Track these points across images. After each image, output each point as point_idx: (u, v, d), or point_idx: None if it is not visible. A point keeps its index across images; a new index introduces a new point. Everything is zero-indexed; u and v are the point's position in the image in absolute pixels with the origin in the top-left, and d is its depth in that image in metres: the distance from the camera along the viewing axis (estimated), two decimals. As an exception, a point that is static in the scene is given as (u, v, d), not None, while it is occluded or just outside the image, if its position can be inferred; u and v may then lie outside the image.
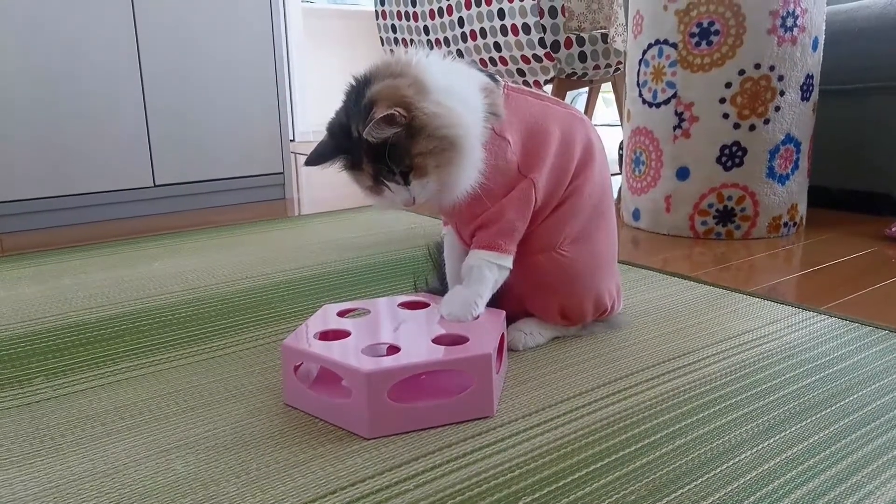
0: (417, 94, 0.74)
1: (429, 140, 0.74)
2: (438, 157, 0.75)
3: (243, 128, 2.01)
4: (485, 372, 0.70)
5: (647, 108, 1.54)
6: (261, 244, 1.50)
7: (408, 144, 0.74)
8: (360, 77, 0.79)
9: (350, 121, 0.77)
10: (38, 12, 1.64)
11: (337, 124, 0.79)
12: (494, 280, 0.82)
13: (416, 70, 0.77)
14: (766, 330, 0.95)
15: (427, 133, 0.74)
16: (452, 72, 0.81)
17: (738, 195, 1.47)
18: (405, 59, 0.79)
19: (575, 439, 0.66)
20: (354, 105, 0.76)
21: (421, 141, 0.74)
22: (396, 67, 0.77)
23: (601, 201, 0.89)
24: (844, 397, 0.75)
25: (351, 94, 0.78)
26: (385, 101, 0.73)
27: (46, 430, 0.70)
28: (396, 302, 0.88)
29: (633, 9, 1.58)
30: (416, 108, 0.73)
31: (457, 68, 0.82)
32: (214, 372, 0.84)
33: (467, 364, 0.70)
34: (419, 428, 0.69)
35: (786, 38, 1.40)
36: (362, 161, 0.77)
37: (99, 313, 1.06)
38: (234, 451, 0.65)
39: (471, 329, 0.77)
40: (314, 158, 0.80)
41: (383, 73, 0.77)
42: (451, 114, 0.75)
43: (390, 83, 0.75)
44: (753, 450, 0.64)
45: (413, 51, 0.81)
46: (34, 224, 1.74)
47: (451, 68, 0.81)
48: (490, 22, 2.63)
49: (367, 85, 0.76)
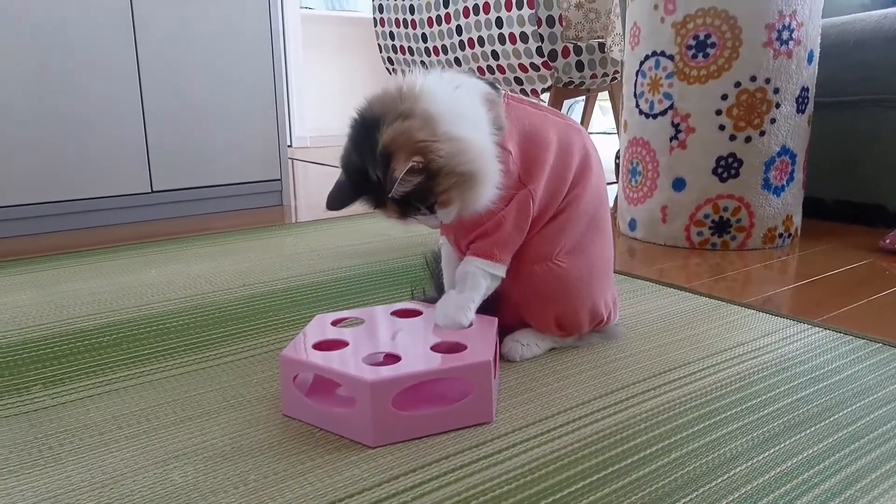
0: (430, 134, 0.73)
1: (449, 177, 0.74)
2: (461, 188, 0.76)
3: (241, 134, 2.01)
4: (484, 378, 0.72)
5: (644, 118, 1.55)
6: (258, 251, 1.51)
7: (430, 185, 0.75)
8: (367, 113, 0.77)
9: (366, 163, 0.76)
10: (36, 19, 1.65)
11: (353, 165, 0.78)
12: (487, 287, 0.84)
13: (423, 103, 0.75)
14: (761, 342, 0.95)
15: (446, 172, 0.74)
16: (457, 92, 0.80)
17: (733, 206, 1.48)
18: (409, 87, 0.77)
19: (571, 451, 0.67)
20: (367, 147, 0.75)
21: (442, 180, 0.74)
22: (404, 105, 0.75)
23: (597, 211, 0.90)
24: (838, 411, 0.75)
25: (360, 133, 0.77)
26: (402, 151, 0.72)
27: (44, 439, 0.70)
28: (389, 310, 0.89)
29: (630, 20, 1.59)
30: (431, 152, 0.73)
31: (460, 85, 0.81)
32: (212, 381, 0.84)
33: (468, 371, 0.71)
34: (422, 435, 0.70)
35: (781, 51, 1.41)
36: (386, 201, 0.77)
37: (97, 321, 1.06)
38: (232, 461, 0.66)
39: (467, 337, 0.78)
40: (335, 203, 0.79)
41: (391, 110, 0.75)
42: (466, 147, 0.75)
43: (402, 128, 0.74)
44: (748, 463, 0.65)
45: (414, 74, 0.80)
46: (31, 229, 1.74)
47: (455, 88, 0.80)
48: (488, 30, 2.65)
49: (376, 126, 0.75)
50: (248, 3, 1.95)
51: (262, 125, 2.05)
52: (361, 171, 0.76)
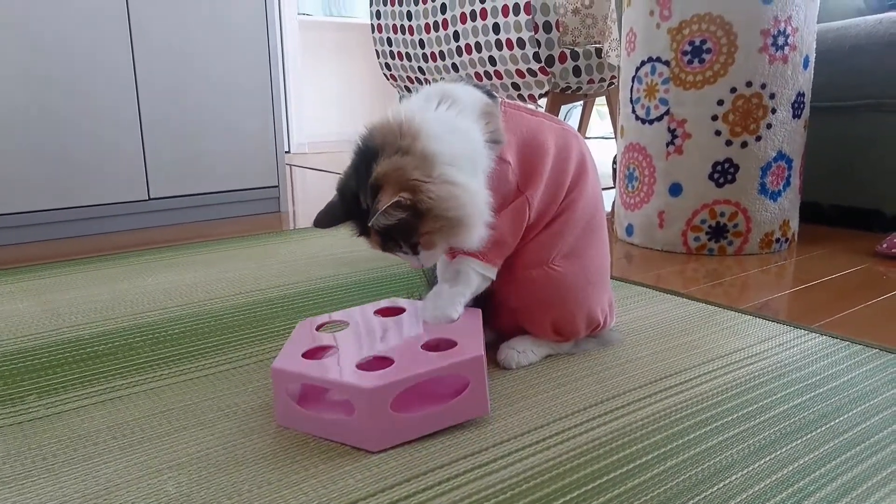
0: (424, 175, 0.73)
1: (436, 220, 0.74)
2: (446, 234, 0.76)
3: (239, 141, 2.01)
4: (478, 373, 0.73)
5: (641, 124, 1.55)
6: (256, 258, 1.51)
7: (415, 223, 0.75)
8: (368, 142, 0.77)
9: (360, 190, 0.76)
10: (33, 27, 1.65)
11: (348, 189, 0.78)
12: (477, 285, 0.84)
13: (422, 141, 0.75)
14: (758, 348, 0.95)
15: (434, 214, 0.74)
16: (456, 129, 0.79)
17: (730, 211, 1.48)
18: (408, 121, 0.76)
19: (567, 460, 0.67)
20: (363, 175, 0.75)
21: (428, 221, 0.75)
22: (404, 141, 0.75)
23: (594, 216, 0.90)
24: (835, 417, 0.75)
25: (360, 161, 0.77)
26: (391, 185, 0.72)
27: (38, 450, 0.70)
28: (372, 309, 0.89)
29: (627, 26, 1.59)
30: (421, 192, 0.73)
31: (461, 110, 0.80)
32: (207, 390, 0.84)
33: (462, 368, 0.72)
34: (422, 435, 0.71)
35: (777, 56, 1.42)
36: (370, 231, 0.78)
37: (92, 329, 1.06)
38: (227, 471, 0.65)
39: (455, 332, 0.79)
40: (323, 220, 0.80)
41: (391, 143, 0.75)
42: (458, 193, 0.75)
43: (397, 163, 0.74)
44: (744, 471, 0.64)
45: (415, 103, 0.80)
46: (27, 237, 1.73)
47: (454, 123, 0.79)
48: (485, 36, 2.65)
49: (374, 157, 0.75)
50: (245, 9, 1.96)
51: (259, 132, 2.05)
52: (354, 197, 0.77)
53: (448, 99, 0.80)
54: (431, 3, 2.88)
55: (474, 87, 0.85)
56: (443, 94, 0.81)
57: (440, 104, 0.80)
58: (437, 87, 0.83)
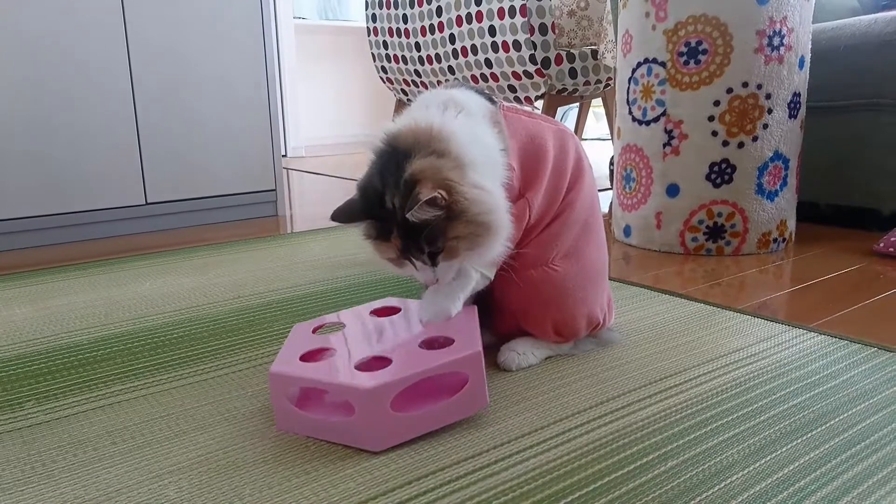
0: (460, 178, 0.73)
1: (466, 225, 0.74)
2: (472, 241, 0.75)
3: (235, 144, 2.01)
4: (477, 369, 0.73)
5: (637, 125, 1.56)
6: (253, 262, 1.50)
7: (444, 226, 0.74)
8: (397, 144, 0.76)
9: (385, 189, 0.74)
10: (30, 33, 1.64)
11: (371, 188, 0.76)
12: (476, 282, 0.84)
13: (455, 146, 0.74)
14: (757, 348, 0.95)
15: (466, 218, 0.73)
16: (479, 138, 0.79)
17: (727, 212, 1.48)
18: (439, 127, 0.76)
19: (567, 461, 0.67)
20: (392, 175, 0.74)
21: (458, 225, 0.74)
22: (438, 144, 0.74)
23: (591, 215, 0.91)
24: (834, 416, 0.75)
25: (387, 161, 0.75)
26: (429, 181, 0.71)
27: (38, 456, 0.70)
28: (368, 310, 0.89)
29: (622, 28, 1.59)
30: (457, 193, 0.72)
31: (472, 118, 0.80)
32: (207, 394, 0.84)
33: (460, 364, 0.72)
34: (423, 432, 0.71)
35: (773, 56, 1.42)
36: (392, 233, 0.76)
37: (91, 334, 1.05)
38: (227, 475, 0.65)
39: (451, 329, 0.79)
40: (341, 215, 0.77)
41: (424, 146, 0.74)
42: (489, 198, 0.75)
43: (434, 163, 0.73)
44: (744, 471, 0.64)
45: (432, 110, 0.79)
46: (25, 243, 1.73)
47: (475, 124, 0.79)
48: (481, 39, 2.66)
49: (406, 157, 0.74)
50: (241, 13, 1.96)
51: (256, 135, 2.05)
52: (379, 196, 0.75)
53: (457, 107, 0.80)
54: (427, 6, 2.88)
55: (475, 93, 0.85)
56: (450, 102, 0.80)
57: (449, 112, 0.79)
58: (440, 94, 0.83)
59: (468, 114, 0.80)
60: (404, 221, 0.73)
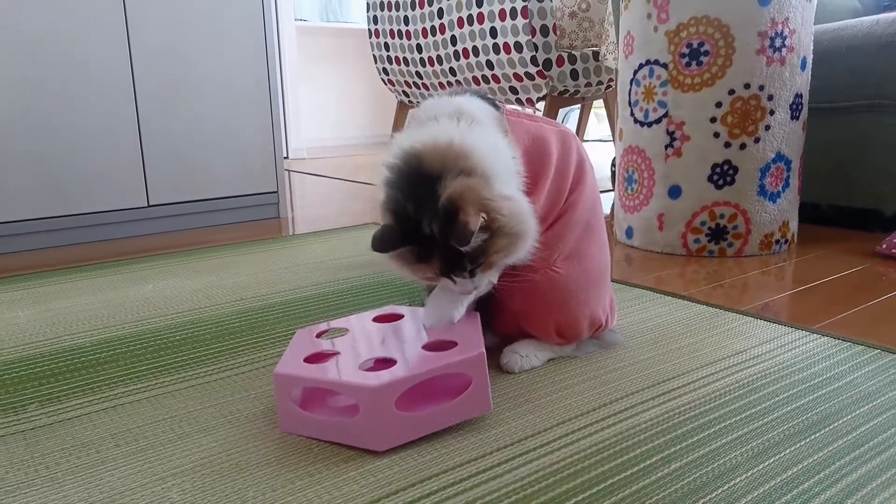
0: (491, 193, 0.73)
1: (504, 238, 0.74)
2: (508, 251, 0.76)
3: (237, 146, 2.01)
4: (480, 370, 0.73)
5: (639, 127, 1.56)
6: (255, 264, 1.50)
7: (485, 245, 0.74)
8: (420, 162, 0.74)
9: (420, 214, 0.73)
10: (31, 35, 1.65)
11: (403, 214, 0.74)
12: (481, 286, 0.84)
13: (477, 160, 0.74)
14: (759, 350, 0.95)
15: (504, 232, 0.74)
16: (497, 145, 0.79)
17: (729, 213, 1.48)
18: (460, 141, 0.75)
19: (571, 464, 0.67)
20: (426, 200, 0.73)
21: (498, 241, 0.74)
22: (464, 161, 0.73)
23: (593, 216, 0.91)
24: (838, 418, 0.75)
25: (414, 183, 0.74)
26: (471, 206, 0.71)
27: (41, 459, 0.70)
28: (370, 317, 0.89)
29: (624, 29, 1.60)
30: (494, 211, 0.72)
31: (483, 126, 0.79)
32: (210, 397, 0.84)
33: (464, 365, 0.72)
34: (427, 433, 0.71)
35: (774, 58, 1.42)
36: (432, 257, 0.75)
37: (93, 337, 1.06)
38: (231, 477, 0.65)
39: (454, 333, 0.80)
40: (383, 246, 0.75)
41: (451, 166, 0.73)
42: (519, 206, 0.75)
43: (466, 184, 0.72)
44: (748, 473, 0.64)
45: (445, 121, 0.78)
46: (27, 245, 1.73)
47: (488, 133, 0.79)
48: (482, 40, 2.66)
49: (436, 180, 0.72)
50: (242, 15, 1.96)
51: (258, 137, 2.05)
52: (412, 221, 0.74)
53: (466, 116, 0.79)
54: (428, 8, 2.88)
55: (479, 98, 0.85)
56: (458, 112, 0.79)
57: (461, 122, 0.78)
58: (446, 102, 0.82)
59: (478, 123, 0.79)
60: (446, 246, 0.73)
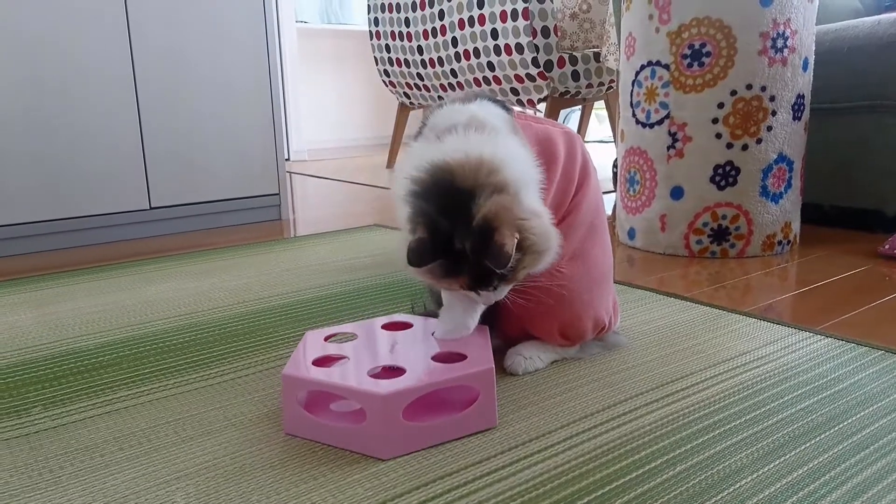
0: (521, 210, 0.73)
1: (532, 255, 0.75)
2: (534, 266, 0.77)
3: (239, 149, 2.01)
4: (488, 384, 0.73)
5: (641, 128, 1.56)
6: (258, 267, 1.50)
7: (516, 262, 0.74)
8: (452, 178, 0.73)
9: (454, 231, 0.73)
10: (33, 37, 1.65)
11: (436, 228, 0.74)
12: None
13: (507, 174, 0.74)
14: (763, 351, 0.95)
15: (533, 251, 0.74)
16: (517, 150, 0.79)
17: (732, 214, 1.48)
18: (489, 155, 0.75)
19: (575, 466, 0.66)
20: (459, 215, 0.73)
21: (527, 258, 0.74)
22: (495, 177, 0.73)
23: (596, 217, 0.91)
24: (843, 420, 0.75)
25: (447, 199, 0.73)
26: (506, 227, 0.71)
27: (45, 462, 0.70)
28: (380, 324, 0.89)
29: (626, 31, 1.59)
30: (526, 230, 0.73)
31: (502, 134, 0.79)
32: (213, 400, 0.83)
33: (473, 379, 0.72)
34: (431, 444, 0.71)
35: (776, 59, 1.42)
36: (461, 272, 0.75)
37: (96, 340, 1.05)
38: (235, 481, 0.65)
39: (464, 346, 0.79)
40: (420, 260, 0.74)
41: (483, 182, 0.73)
42: (545, 223, 0.76)
43: (499, 203, 0.72)
44: (754, 475, 0.64)
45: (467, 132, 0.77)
46: (29, 248, 1.73)
47: (510, 143, 0.79)
48: (483, 42, 2.66)
49: (470, 198, 0.72)
50: (244, 17, 1.96)
51: (259, 139, 2.05)
52: (445, 237, 0.74)
53: (488, 126, 0.79)
54: (429, 10, 2.88)
55: (490, 103, 0.85)
56: (476, 120, 0.79)
57: (483, 132, 0.78)
58: (460, 111, 0.81)
59: (497, 132, 0.79)
60: (477, 263, 0.73)
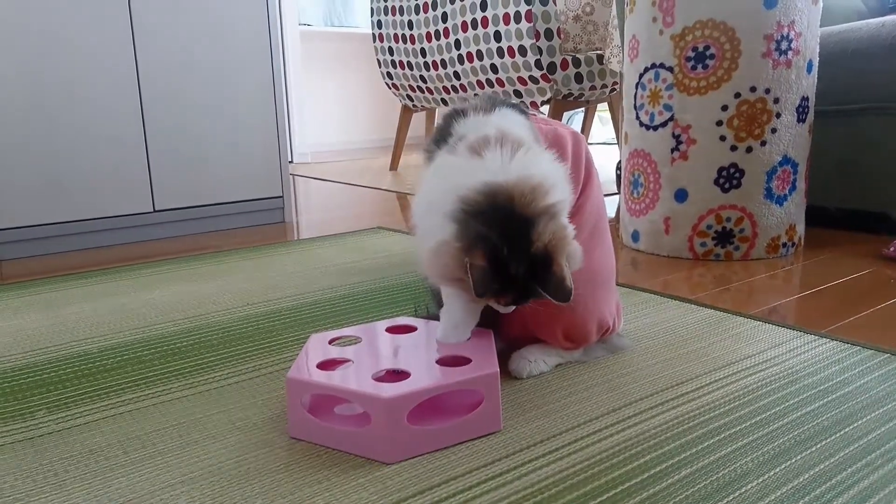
0: (570, 236, 0.77)
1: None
2: None
3: (243, 151, 2.01)
4: (493, 389, 0.73)
5: (645, 130, 1.55)
6: (262, 269, 1.50)
7: None
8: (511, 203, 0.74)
9: (510, 257, 0.74)
10: (36, 38, 1.65)
11: (496, 255, 0.74)
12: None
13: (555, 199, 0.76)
14: (768, 354, 0.95)
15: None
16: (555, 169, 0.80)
17: (736, 216, 1.48)
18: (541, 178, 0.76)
19: (580, 470, 0.66)
20: (517, 243, 0.74)
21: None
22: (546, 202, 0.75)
23: (599, 219, 0.91)
24: (849, 423, 0.75)
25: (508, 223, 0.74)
26: (559, 255, 0.74)
27: (49, 465, 0.70)
28: (384, 327, 0.89)
29: (629, 33, 1.59)
30: (572, 256, 0.77)
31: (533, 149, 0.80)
32: (217, 403, 0.83)
33: (478, 383, 0.72)
34: (435, 449, 0.71)
35: (780, 61, 1.42)
36: (508, 292, 0.77)
37: (100, 343, 1.06)
38: (239, 485, 0.65)
39: (468, 350, 0.79)
40: (483, 291, 0.74)
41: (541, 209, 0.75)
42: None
43: (554, 231, 0.75)
44: (760, 479, 0.64)
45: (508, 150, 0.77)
46: (33, 251, 1.73)
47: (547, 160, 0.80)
48: (487, 44, 2.66)
49: (530, 224, 0.74)
50: (247, 19, 1.96)
51: (263, 142, 2.05)
52: (502, 262, 0.74)
53: (521, 141, 0.79)
54: (433, 12, 2.89)
55: (510, 110, 0.85)
56: (509, 135, 0.79)
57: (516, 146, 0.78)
58: (485, 124, 0.81)
59: (531, 147, 0.79)
60: (526, 286, 0.75)
